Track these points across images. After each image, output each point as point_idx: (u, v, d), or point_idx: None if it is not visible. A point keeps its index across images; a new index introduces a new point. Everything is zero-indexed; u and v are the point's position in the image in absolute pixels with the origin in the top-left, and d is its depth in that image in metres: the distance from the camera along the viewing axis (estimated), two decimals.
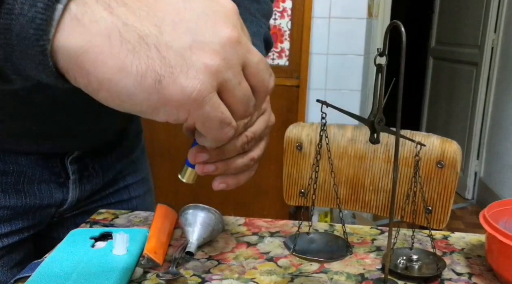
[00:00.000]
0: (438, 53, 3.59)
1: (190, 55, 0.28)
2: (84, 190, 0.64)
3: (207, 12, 0.29)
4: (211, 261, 0.53)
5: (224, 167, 0.44)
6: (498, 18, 2.78)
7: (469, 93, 3.03)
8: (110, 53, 0.27)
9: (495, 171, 2.82)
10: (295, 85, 2.09)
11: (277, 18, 2.07)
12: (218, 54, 0.29)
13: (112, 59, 0.27)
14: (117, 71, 0.27)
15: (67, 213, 0.64)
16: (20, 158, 0.56)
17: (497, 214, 0.53)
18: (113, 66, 0.27)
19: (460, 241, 0.60)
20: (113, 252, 0.52)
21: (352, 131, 0.85)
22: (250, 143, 0.45)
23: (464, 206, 2.98)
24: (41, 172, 0.58)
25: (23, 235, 0.59)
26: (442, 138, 0.79)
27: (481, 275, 0.52)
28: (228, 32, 0.29)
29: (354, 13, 2.05)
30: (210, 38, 0.29)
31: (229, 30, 0.30)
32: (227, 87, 0.30)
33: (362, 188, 0.85)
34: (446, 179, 0.78)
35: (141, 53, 0.27)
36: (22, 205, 0.57)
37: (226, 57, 0.29)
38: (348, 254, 0.45)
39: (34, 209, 0.59)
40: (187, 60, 0.28)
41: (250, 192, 2.16)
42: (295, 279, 0.50)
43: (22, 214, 0.58)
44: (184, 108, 0.29)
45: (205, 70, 0.29)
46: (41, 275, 0.48)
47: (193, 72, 0.28)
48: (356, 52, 2.10)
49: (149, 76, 0.28)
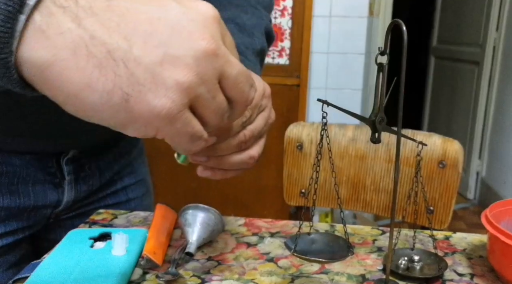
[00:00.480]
0: (439, 52, 3.58)
1: (161, 71, 0.27)
2: (80, 191, 0.63)
3: (183, 22, 0.28)
4: (211, 262, 0.53)
5: (217, 162, 0.43)
6: (500, 17, 2.77)
7: (470, 92, 3.02)
8: (76, 69, 0.26)
9: (497, 171, 2.81)
10: (296, 84, 2.09)
11: (278, 17, 2.06)
12: (191, 69, 0.27)
13: (77, 74, 0.26)
14: (82, 88, 0.26)
15: (64, 215, 0.64)
16: (14, 158, 0.56)
17: (499, 214, 0.53)
18: (79, 82, 0.26)
19: (462, 242, 0.60)
20: (112, 252, 0.52)
21: (353, 130, 0.85)
22: (249, 142, 0.44)
23: (466, 206, 2.98)
24: (35, 173, 0.58)
25: (18, 236, 0.59)
26: (443, 137, 0.79)
27: (483, 275, 0.51)
28: (203, 44, 0.28)
29: (355, 11, 2.05)
30: (184, 52, 0.27)
31: (205, 42, 0.28)
32: (200, 102, 0.29)
33: (363, 188, 0.84)
34: (448, 179, 0.77)
35: (108, 69, 0.26)
36: (17, 206, 0.57)
37: (200, 71, 0.28)
38: (349, 255, 0.44)
39: (29, 210, 0.58)
40: (157, 76, 0.27)
41: (250, 192, 2.16)
42: (296, 280, 0.49)
43: (17, 215, 0.58)
44: (153, 125, 0.28)
45: (176, 87, 0.27)
46: (40, 276, 0.47)
47: (163, 90, 0.27)
48: (357, 51, 2.10)
49: (115, 94, 0.26)
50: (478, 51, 2.93)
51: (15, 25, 0.25)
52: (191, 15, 0.28)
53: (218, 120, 0.31)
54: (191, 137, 0.30)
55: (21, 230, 0.59)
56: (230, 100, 0.32)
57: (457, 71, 3.26)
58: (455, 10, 3.30)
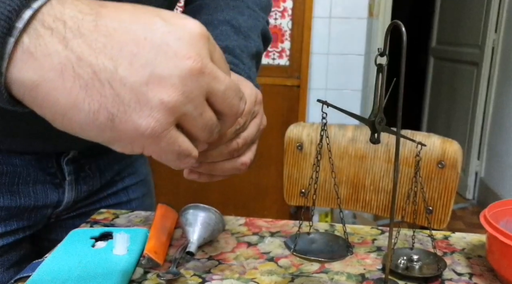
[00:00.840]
0: (438, 53, 3.59)
1: (146, 90, 0.27)
2: (81, 191, 0.63)
3: (169, 41, 0.28)
4: (211, 261, 0.53)
5: (208, 168, 0.43)
6: (499, 18, 2.78)
7: (469, 93, 3.03)
8: (62, 89, 0.26)
9: (495, 171, 2.82)
10: (296, 85, 2.09)
11: (278, 18, 2.07)
12: (176, 89, 0.27)
13: (64, 95, 0.27)
14: (69, 108, 0.27)
15: (64, 215, 0.64)
16: (15, 158, 0.56)
17: (497, 214, 0.53)
18: (66, 103, 0.27)
19: (461, 241, 0.60)
20: (113, 252, 0.52)
21: (353, 131, 0.85)
22: (241, 150, 0.44)
23: (465, 206, 2.98)
24: (36, 173, 0.58)
25: (19, 236, 0.59)
26: (442, 138, 0.79)
27: (481, 275, 0.51)
28: (189, 63, 0.28)
29: (355, 13, 2.05)
30: (169, 71, 0.27)
31: (191, 61, 0.28)
32: (187, 120, 0.29)
33: (363, 188, 0.84)
34: (447, 179, 0.78)
35: (94, 90, 0.27)
36: (17, 206, 0.57)
37: (186, 90, 0.28)
38: (349, 254, 0.45)
39: (29, 209, 0.58)
40: (143, 96, 0.27)
41: (251, 192, 2.16)
42: (296, 279, 0.50)
43: (17, 215, 0.58)
44: (138, 144, 0.29)
45: (161, 107, 0.27)
46: (42, 275, 0.48)
47: (147, 109, 0.27)
48: (357, 52, 2.10)
49: (101, 114, 0.27)
50: (477, 52, 2.94)
51: (5, 48, 0.26)
52: (177, 33, 0.28)
53: (207, 135, 0.31)
54: (178, 155, 0.30)
55: (21, 229, 0.59)
56: (220, 114, 0.32)
57: (456, 72, 3.27)
58: (454, 11, 3.31)
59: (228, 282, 0.49)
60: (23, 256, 0.60)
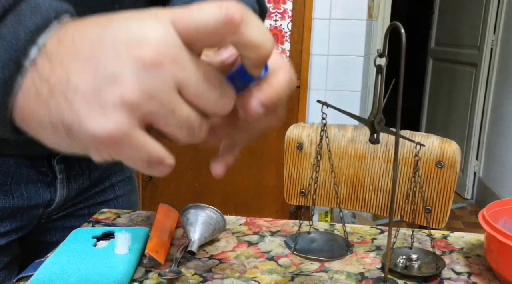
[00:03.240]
0: (437, 54, 3.59)
1: (99, 94, 0.25)
2: (72, 190, 0.63)
3: (123, 38, 0.25)
4: (212, 260, 0.54)
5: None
6: (498, 19, 2.79)
7: (468, 94, 3.04)
8: (31, 111, 0.27)
9: (494, 171, 2.82)
10: (296, 86, 2.09)
11: (278, 19, 2.07)
12: (131, 85, 0.25)
13: (33, 117, 0.27)
14: (38, 127, 0.27)
15: (54, 215, 0.64)
16: (7, 158, 0.56)
17: (496, 214, 0.54)
18: (35, 123, 0.27)
19: (460, 241, 0.60)
20: (115, 251, 0.52)
21: (352, 131, 0.85)
22: None
23: (463, 206, 2.98)
24: (28, 172, 0.58)
25: (11, 238, 0.59)
26: (441, 138, 0.80)
27: (480, 274, 0.52)
28: (142, 55, 0.25)
29: (355, 14, 2.06)
30: (122, 68, 0.25)
31: (144, 52, 0.25)
32: (155, 119, 0.26)
33: (362, 188, 0.85)
34: (446, 179, 0.78)
35: (51, 104, 0.26)
36: (10, 206, 0.57)
37: (144, 86, 0.25)
38: (348, 253, 0.45)
39: (22, 210, 0.59)
40: (95, 100, 0.25)
41: (251, 192, 2.16)
42: (296, 278, 0.50)
43: (10, 216, 0.58)
44: (104, 151, 0.26)
45: (117, 107, 0.25)
46: (44, 274, 0.48)
47: (101, 112, 0.25)
48: (356, 53, 2.10)
49: (59, 127, 0.26)
50: (476, 53, 2.95)
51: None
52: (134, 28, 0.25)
53: (186, 135, 0.27)
54: (148, 163, 0.27)
55: (14, 231, 0.59)
56: (200, 110, 0.28)
57: (455, 73, 3.28)
58: (453, 12, 3.31)
59: (228, 281, 0.49)
60: (13, 259, 0.60)
